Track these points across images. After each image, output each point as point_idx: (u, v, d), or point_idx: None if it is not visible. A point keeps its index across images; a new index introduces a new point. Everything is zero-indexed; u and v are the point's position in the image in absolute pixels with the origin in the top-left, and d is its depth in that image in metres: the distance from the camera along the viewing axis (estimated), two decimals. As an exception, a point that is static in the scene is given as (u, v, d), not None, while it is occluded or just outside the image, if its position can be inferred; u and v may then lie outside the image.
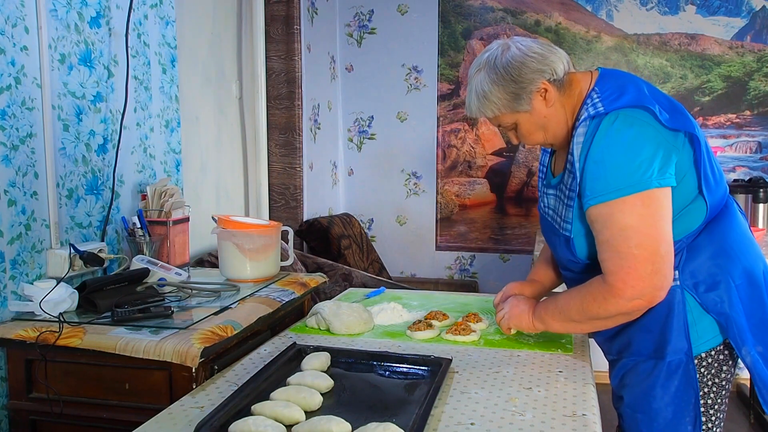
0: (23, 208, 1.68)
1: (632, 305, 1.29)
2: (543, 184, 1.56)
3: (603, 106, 1.32)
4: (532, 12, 4.01)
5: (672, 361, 1.37)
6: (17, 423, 1.54)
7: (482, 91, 1.39)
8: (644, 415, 1.40)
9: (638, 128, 1.28)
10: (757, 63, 3.80)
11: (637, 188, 1.26)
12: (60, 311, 1.56)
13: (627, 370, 1.43)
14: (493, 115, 1.41)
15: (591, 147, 1.31)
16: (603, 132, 1.30)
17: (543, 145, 1.48)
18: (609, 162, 1.28)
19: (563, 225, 1.42)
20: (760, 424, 3.15)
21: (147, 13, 2.15)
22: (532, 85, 1.36)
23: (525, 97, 1.37)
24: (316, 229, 3.59)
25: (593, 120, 1.32)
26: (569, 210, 1.39)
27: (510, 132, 1.47)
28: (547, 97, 1.38)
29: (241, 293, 1.82)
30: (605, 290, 1.30)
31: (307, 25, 3.66)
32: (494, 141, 4.16)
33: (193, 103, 2.59)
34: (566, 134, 1.42)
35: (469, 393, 1.25)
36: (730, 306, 1.37)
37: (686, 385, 1.37)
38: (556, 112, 1.40)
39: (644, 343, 1.39)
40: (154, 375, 1.45)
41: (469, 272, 4.29)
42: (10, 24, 1.63)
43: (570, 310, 1.39)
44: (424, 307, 1.86)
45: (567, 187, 1.40)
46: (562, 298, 1.42)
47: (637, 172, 1.26)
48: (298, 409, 1.11)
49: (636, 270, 1.26)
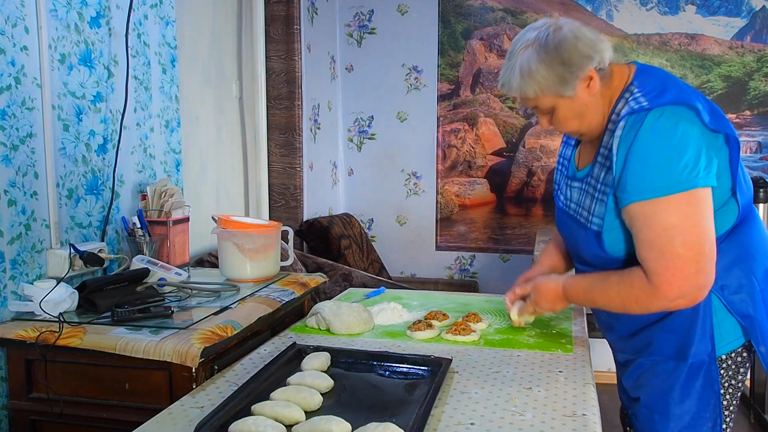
0: (23, 208, 1.68)
1: (675, 305, 1.27)
2: (564, 177, 1.52)
3: (647, 101, 1.28)
4: (532, 12, 4.01)
5: (694, 363, 1.35)
6: (17, 423, 1.54)
7: (528, 69, 1.32)
8: (661, 416, 1.39)
9: (684, 126, 1.25)
10: (757, 63, 3.80)
11: (683, 187, 1.23)
12: (60, 311, 1.56)
13: (644, 369, 1.41)
14: (534, 95, 1.35)
15: (634, 143, 1.27)
16: (647, 128, 1.26)
17: (574, 134, 1.43)
18: (654, 159, 1.25)
19: (592, 219, 1.38)
20: (760, 424, 3.15)
21: (147, 13, 2.15)
22: (580, 71, 1.31)
23: (571, 82, 1.32)
24: (316, 229, 3.59)
25: (637, 115, 1.28)
26: (600, 204, 1.35)
27: (544, 116, 1.40)
28: (591, 86, 1.33)
29: (241, 293, 1.82)
30: (649, 291, 1.27)
31: (307, 25, 3.66)
32: (494, 141, 4.16)
33: (193, 103, 2.59)
34: (600, 127, 1.38)
35: (469, 393, 1.25)
36: (755, 308, 1.36)
37: (707, 387, 1.36)
38: (596, 102, 1.36)
39: (666, 344, 1.37)
40: (154, 375, 1.45)
41: (469, 272, 4.29)
42: (10, 24, 1.63)
43: (607, 305, 1.37)
44: (424, 307, 1.85)
45: (598, 181, 1.37)
46: (597, 291, 1.38)
47: (684, 171, 1.23)
48: (298, 409, 1.11)
49: (681, 270, 1.23)
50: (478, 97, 4.10)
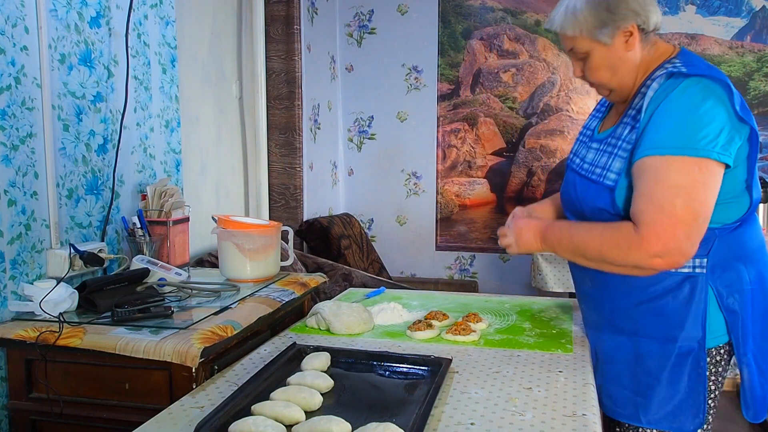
0: (23, 208, 1.68)
1: (652, 262, 1.27)
2: (583, 143, 1.54)
3: (686, 69, 1.32)
4: (532, 12, 4.01)
5: (683, 347, 1.37)
6: (17, 423, 1.54)
7: (573, 7, 1.37)
8: (644, 399, 1.40)
9: (715, 101, 1.28)
10: (757, 63, 3.80)
11: (698, 153, 1.25)
12: (60, 311, 1.56)
13: (627, 350, 1.43)
14: (573, 34, 1.38)
15: (664, 101, 1.30)
16: (680, 91, 1.29)
17: (604, 87, 1.45)
18: (678, 119, 1.28)
19: (606, 174, 1.38)
20: (760, 424, 3.15)
21: (147, 13, 2.15)
22: (623, 21, 1.35)
23: (611, 29, 1.35)
24: (316, 229, 3.59)
25: (672, 78, 1.32)
26: (619, 160, 1.36)
27: (578, 62, 1.44)
28: (629, 41, 1.37)
29: (241, 293, 1.82)
30: (634, 240, 1.27)
31: (307, 25, 3.66)
32: (494, 141, 4.16)
33: (193, 103, 2.59)
34: (630, 89, 1.41)
35: (469, 393, 1.25)
36: (742, 307, 1.38)
37: (694, 374, 1.37)
38: (631, 60, 1.39)
39: (655, 327, 1.39)
40: (154, 375, 1.45)
41: (469, 272, 4.29)
42: (10, 24, 1.63)
43: (586, 247, 1.36)
44: (424, 307, 1.85)
45: (620, 139, 1.39)
46: (578, 233, 1.40)
47: (702, 139, 1.25)
48: (298, 409, 1.11)
49: (673, 229, 1.24)
50: (478, 97, 4.10)
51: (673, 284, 1.37)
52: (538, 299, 1.97)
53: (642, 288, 1.39)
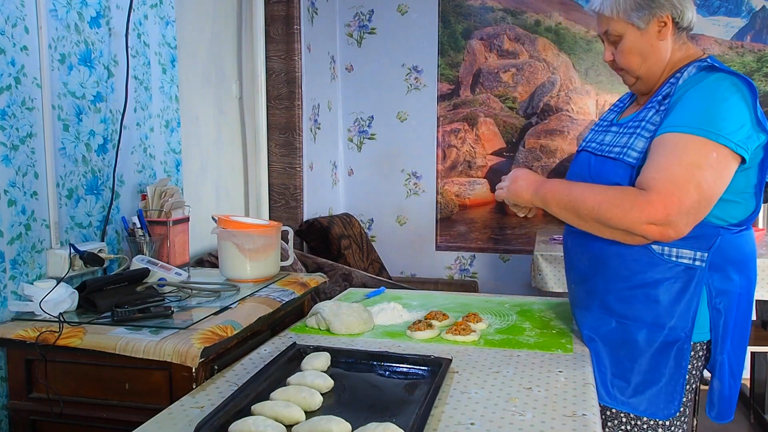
0: (23, 208, 1.68)
1: (646, 228, 1.28)
2: (599, 131, 1.56)
3: (718, 65, 1.37)
4: (532, 12, 4.01)
5: (669, 335, 1.38)
6: (17, 423, 1.54)
7: None
8: (622, 381, 1.42)
9: (740, 98, 1.31)
10: (757, 63, 3.80)
11: (718, 139, 1.27)
12: (60, 311, 1.56)
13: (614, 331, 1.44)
14: (610, 14, 1.42)
15: (693, 88, 1.34)
16: (710, 81, 1.33)
17: (632, 74, 1.47)
18: (703, 104, 1.31)
19: (626, 152, 1.39)
20: (760, 424, 3.15)
21: (147, 13, 2.15)
22: (659, 9, 1.39)
23: (646, 14, 1.40)
24: (316, 229, 3.59)
25: (704, 72, 1.36)
26: (641, 140, 1.38)
27: (610, 45, 1.47)
28: (663, 31, 1.41)
29: (241, 293, 1.82)
30: (638, 201, 1.27)
31: (307, 25, 3.66)
32: (494, 141, 4.16)
33: (193, 103, 2.59)
34: (657, 79, 1.45)
35: (469, 393, 1.25)
36: (727, 309, 1.41)
37: (676, 363, 1.39)
38: (662, 50, 1.43)
39: (646, 312, 1.40)
40: (154, 375, 1.45)
41: (469, 272, 4.29)
42: (10, 24, 1.63)
43: (582, 202, 1.36)
44: (424, 307, 1.86)
45: (643, 120, 1.41)
46: (577, 188, 1.40)
47: (725, 128, 1.28)
48: (298, 409, 1.11)
49: (679, 201, 1.25)
50: (478, 97, 4.10)
51: (671, 274, 1.38)
52: (538, 299, 1.97)
53: (640, 272, 1.40)
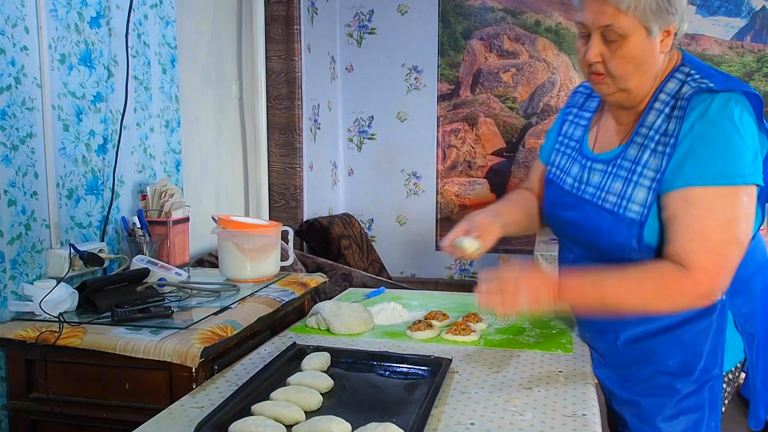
0: (23, 208, 1.68)
1: (697, 304, 1.20)
2: (573, 159, 1.40)
3: (713, 83, 1.20)
4: (532, 12, 4.01)
5: (699, 379, 1.29)
6: (17, 423, 1.54)
7: None
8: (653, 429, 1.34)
9: (747, 117, 1.18)
10: (757, 63, 3.80)
11: (746, 180, 1.16)
12: (60, 311, 1.56)
13: (642, 379, 1.35)
14: (624, 8, 1.17)
15: (700, 124, 1.18)
16: (716, 111, 1.17)
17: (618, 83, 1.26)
18: (719, 145, 1.16)
19: (628, 206, 1.25)
20: (760, 424, 3.14)
21: (147, 13, 2.15)
22: (672, 16, 1.20)
23: (661, 21, 1.20)
24: (316, 229, 3.59)
25: (708, 96, 1.19)
26: (642, 190, 1.23)
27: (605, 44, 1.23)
28: (665, 42, 1.23)
29: (241, 293, 1.82)
30: (684, 286, 1.16)
31: (307, 25, 3.66)
32: (494, 141, 4.16)
33: (193, 103, 2.59)
34: (643, 93, 1.28)
35: (469, 393, 1.25)
36: (756, 327, 1.32)
37: (709, 404, 1.30)
38: (659, 63, 1.25)
39: (671, 356, 1.30)
40: (154, 375, 1.45)
41: (469, 272, 4.29)
42: (10, 24, 1.63)
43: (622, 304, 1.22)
44: (424, 307, 1.85)
45: (638, 164, 1.25)
46: (607, 287, 1.21)
47: (746, 165, 1.15)
48: (298, 409, 1.11)
49: (725, 269, 1.15)
50: (478, 97, 4.10)
51: (691, 314, 1.28)
52: (538, 299, 1.97)
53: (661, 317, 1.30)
